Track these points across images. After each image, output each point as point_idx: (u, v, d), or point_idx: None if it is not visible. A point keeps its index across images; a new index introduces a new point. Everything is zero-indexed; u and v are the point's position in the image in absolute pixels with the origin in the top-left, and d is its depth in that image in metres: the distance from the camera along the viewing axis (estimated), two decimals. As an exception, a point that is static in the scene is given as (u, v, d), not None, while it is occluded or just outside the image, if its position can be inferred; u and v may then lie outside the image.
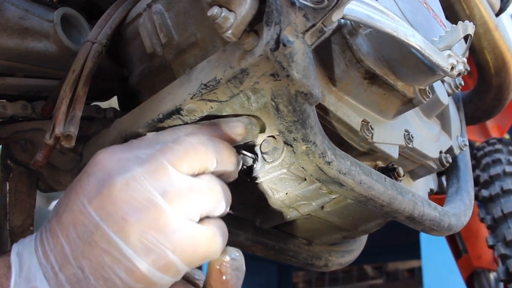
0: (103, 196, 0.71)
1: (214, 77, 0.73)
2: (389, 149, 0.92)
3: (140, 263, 0.70)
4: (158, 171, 0.72)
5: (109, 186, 0.71)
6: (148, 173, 0.72)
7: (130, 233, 0.70)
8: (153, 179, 0.72)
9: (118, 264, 0.70)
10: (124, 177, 0.72)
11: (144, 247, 0.70)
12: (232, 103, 0.81)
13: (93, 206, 0.71)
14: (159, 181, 0.72)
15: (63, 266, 0.71)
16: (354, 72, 0.84)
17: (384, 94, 0.88)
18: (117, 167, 0.73)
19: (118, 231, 0.70)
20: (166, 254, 0.71)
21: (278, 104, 0.71)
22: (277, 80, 0.69)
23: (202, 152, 0.76)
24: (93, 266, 0.70)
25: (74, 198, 0.74)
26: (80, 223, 0.72)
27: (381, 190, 0.84)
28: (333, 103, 0.83)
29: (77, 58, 0.92)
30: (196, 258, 0.73)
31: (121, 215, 0.70)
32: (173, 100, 0.79)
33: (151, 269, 0.70)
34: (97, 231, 0.71)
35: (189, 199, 0.73)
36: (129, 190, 0.71)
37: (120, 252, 0.70)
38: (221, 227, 0.76)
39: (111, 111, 1.04)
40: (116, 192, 0.71)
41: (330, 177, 0.78)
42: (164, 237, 0.70)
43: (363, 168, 0.82)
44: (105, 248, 0.70)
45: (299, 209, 0.98)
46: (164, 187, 0.72)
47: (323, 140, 0.76)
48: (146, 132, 0.84)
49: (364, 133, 0.86)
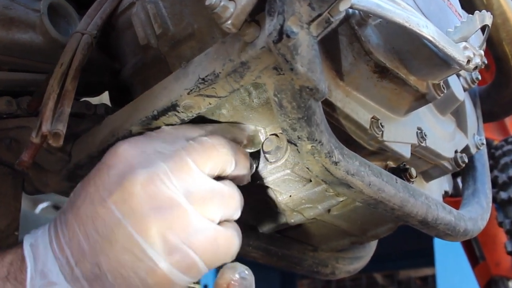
0: (124, 190, 0.73)
1: (213, 70, 0.73)
2: (401, 148, 0.92)
3: (163, 263, 0.72)
4: (182, 170, 0.75)
5: (131, 180, 0.73)
6: (172, 170, 0.74)
7: (153, 232, 0.72)
8: (177, 178, 0.74)
9: (139, 264, 0.72)
10: (147, 171, 0.74)
11: (167, 247, 0.72)
12: (231, 99, 0.81)
13: (114, 200, 0.73)
14: (183, 180, 0.74)
15: (79, 261, 0.73)
16: (363, 65, 0.84)
17: (395, 89, 0.88)
18: (139, 160, 0.75)
19: (141, 230, 0.72)
20: (189, 254, 0.73)
21: (281, 100, 0.71)
22: (280, 74, 0.69)
23: (224, 154, 0.79)
24: (112, 264, 0.72)
25: (93, 190, 0.76)
26: (99, 218, 0.74)
27: (392, 192, 0.84)
28: (340, 98, 0.83)
29: (65, 50, 0.92)
30: (216, 259, 0.76)
31: (144, 213, 0.72)
32: (168, 96, 0.79)
33: (173, 270, 0.73)
34: (118, 228, 0.73)
35: (212, 202, 0.76)
36: (152, 186, 0.73)
37: (142, 252, 0.72)
38: (238, 230, 0.80)
39: (102, 107, 1.04)
40: (138, 187, 0.73)
41: (337, 178, 0.78)
42: (187, 237, 0.73)
43: (372, 168, 0.82)
44: (126, 247, 0.72)
45: (304, 213, 0.98)
46: (187, 187, 0.74)
47: (330, 139, 0.76)
48: (140, 130, 0.84)
49: (373, 131, 0.86)
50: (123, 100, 0.96)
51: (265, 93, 0.79)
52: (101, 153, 0.89)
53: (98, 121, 0.95)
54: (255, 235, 1.11)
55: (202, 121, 0.85)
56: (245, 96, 0.80)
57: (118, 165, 0.76)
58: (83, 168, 0.95)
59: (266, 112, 0.83)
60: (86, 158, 0.93)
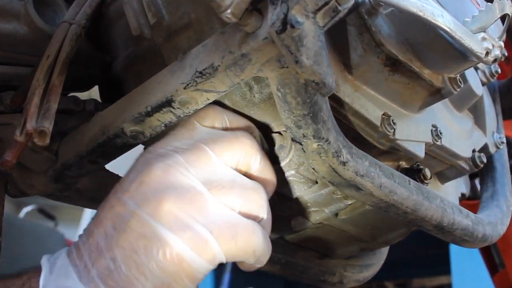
0: (140, 181, 0.76)
1: (211, 63, 0.73)
2: (414, 147, 0.92)
3: (175, 240, 0.73)
4: (201, 160, 0.77)
5: (147, 172, 0.76)
6: (190, 161, 0.76)
7: (165, 212, 0.73)
8: (195, 167, 0.76)
9: (151, 245, 0.73)
10: (164, 163, 0.76)
11: (179, 223, 0.73)
12: (231, 94, 0.81)
13: (129, 193, 0.76)
14: (202, 170, 0.76)
15: (96, 261, 0.75)
16: (373, 57, 0.84)
17: (408, 84, 0.88)
18: (156, 156, 0.78)
19: (153, 213, 0.74)
20: (203, 232, 0.73)
21: (285, 95, 0.71)
22: (284, 67, 0.69)
23: (248, 145, 0.80)
24: (126, 254, 0.74)
25: (111, 195, 0.79)
26: (116, 215, 0.76)
27: (404, 194, 0.84)
28: (349, 93, 0.83)
29: (52, 41, 0.92)
30: (234, 246, 0.75)
31: (158, 197, 0.74)
32: (163, 91, 0.79)
33: (185, 248, 0.73)
34: (133, 217, 0.74)
35: (231, 191, 0.77)
36: (169, 175, 0.75)
37: (154, 232, 0.73)
38: (264, 229, 0.79)
39: (91, 103, 1.04)
40: (155, 176, 0.75)
41: (346, 180, 0.78)
42: (202, 217, 0.74)
43: (383, 169, 0.82)
44: (140, 232, 0.74)
45: (310, 217, 0.98)
46: (206, 176, 0.76)
47: (337, 137, 0.76)
48: (133, 127, 0.84)
49: (384, 129, 0.86)
50: (114, 95, 0.96)
51: (267, 87, 0.79)
52: (91, 152, 0.90)
53: (87, 118, 0.95)
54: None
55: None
56: (246, 91, 0.80)
57: (136, 167, 0.79)
58: (71, 169, 0.95)
59: (269, 108, 0.83)
60: (74, 158, 0.93)
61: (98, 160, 0.93)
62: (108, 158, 0.93)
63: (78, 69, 1.01)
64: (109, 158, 0.93)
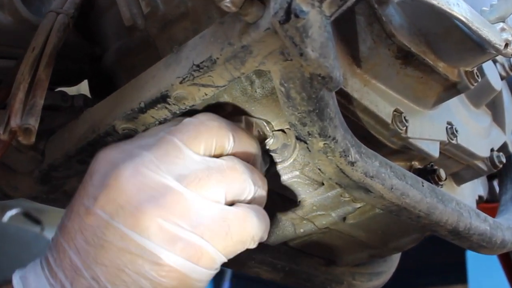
0: (109, 189, 0.74)
1: (209, 56, 0.73)
2: (428, 146, 0.92)
3: (166, 255, 0.72)
4: (170, 154, 0.76)
5: (115, 177, 0.74)
6: (158, 157, 0.75)
7: (147, 223, 0.72)
8: (166, 163, 0.75)
9: (140, 261, 0.72)
10: (132, 163, 0.75)
11: (166, 235, 0.72)
12: (231, 89, 0.81)
13: (100, 203, 0.74)
14: (173, 164, 0.75)
15: (74, 280, 0.73)
16: (384, 50, 0.84)
17: (422, 78, 0.88)
18: (122, 157, 0.76)
19: (133, 225, 0.72)
20: (195, 240, 0.73)
21: (289, 90, 0.71)
22: (288, 60, 0.69)
23: (215, 127, 0.79)
24: (110, 272, 0.72)
25: (77, 203, 0.77)
26: (87, 227, 0.74)
27: (417, 197, 0.84)
28: (357, 88, 0.83)
29: (37, 32, 0.92)
30: (230, 242, 0.75)
31: (133, 206, 0.72)
32: (157, 85, 0.79)
33: (180, 260, 0.72)
34: (108, 229, 0.73)
35: (209, 180, 0.75)
36: (139, 176, 0.74)
37: (139, 246, 0.72)
38: (256, 209, 0.79)
39: (80, 99, 1.04)
40: (124, 181, 0.74)
41: (354, 181, 0.78)
42: (187, 222, 0.73)
43: (395, 170, 0.82)
44: (121, 247, 0.72)
45: (316, 221, 0.98)
46: (179, 170, 0.75)
47: (345, 135, 0.76)
48: (125, 124, 0.84)
49: (396, 126, 0.86)
50: (105, 90, 0.96)
51: (270, 82, 0.79)
52: (80, 151, 0.90)
53: (76, 114, 0.95)
54: (258, 248, 1.11)
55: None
56: (247, 86, 0.80)
57: (100, 169, 0.77)
58: (58, 169, 0.95)
59: (271, 104, 0.83)
60: (62, 158, 0.93)
61: (88, 160, 0.92)
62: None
63: (66, 62, 1.01)
64: (99, 158, 0.93)
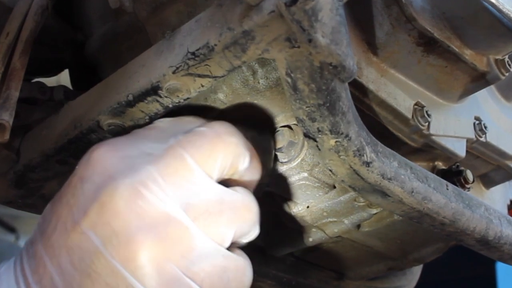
0: (102, 206, 0.72)
1: (206, 42, 0.73)
2: (453, 145, 0.92)
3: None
4: (179, 173, 0.73)
5: (110, 193, 0.72)
6: (164, 175, 0.73)
7: (142, 261, 0.70)
8: (173, 185, 0.72)
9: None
10: (131, 180, 0.72)
11: (163, 280, 0.71)
12: (231, 80, 0.81)
13: (91, 223, 0.72)
14: (182, 188, 0.73)
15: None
16: (403, 35, 0.84)
17: (446, 67, 0.88)
18: (121, 168, 0.74)
19: (127, 260, 0.70)
20: (193, 287, 0.72)
21: (296, 80, 0.71)
22: (295, 47, 0.69)
23: (233, 145, 0.77)
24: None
25: (65, 213, 0.75)
26: (75, 247, 0.72)
27: (441, 202, 0.84)
28: (373, 79, 0.83)
29: (11, 16, 0.92)
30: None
31: (129, 236, 0.71)
32: (147, 75, 0.79)
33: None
34: (97, 258, 0.71)
35: (220, 218, 0.74)
36: (139, 200, 0.71)
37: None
38: (247, 257, 0.79)
39: (60, 91, 1.04)
40: (121, 201, 0.71)
41: (370, 184, 0.79)
42: (189, 265, 0.72)
43: (416, 171, 0.82)
44: (109, 283, 0.71)
45: (326, 229, 0.98)
46: (187, 197, 0.73)
47: (360, 132, 0.76)
48: (111, 120, 0.84)
49: (417, 122, 0.86)
50: (88, 81, 0.96)
51: (274, 72, 0.79)
52: (60, 150, 0.90)
53: (55, 108, 0.95)
54: (262, 260, 1.11)
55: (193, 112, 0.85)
56: (249, 76, 0.80)
57: (93, 177, 0.75)
58: (35, 170, 0.95)
59: (276, 97, 0.83)
60: (40, 157, 0.93)
61: (69, 160, 0.93)
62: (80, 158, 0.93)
63: (45, 49, 1.01)
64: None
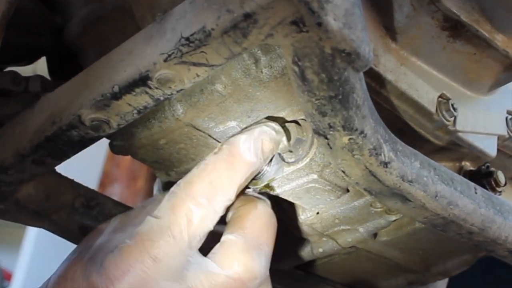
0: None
1: (202, 26, 0.73)
2: (482, 142, 0.92)
3: None
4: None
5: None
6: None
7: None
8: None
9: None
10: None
11: None
12: (230, 69, 0.81)
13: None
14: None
15: None
16: (426, 18, 0.84)
17: (474, 54, 0.88)
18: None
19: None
20: None
21: (304, 70, 0.71)
22: (303, 32, 0.69)
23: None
24: None
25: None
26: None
27: (469, 207, 0.84)
28: (392, 68, 0.83)
29: (-19, -4, 0.93)
30: None
31: None
32: (135, 64, 0.79)
33: None
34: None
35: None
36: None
37: None
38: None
39: (36, 81, 1.04)
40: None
41: (388, 187, 0.79)
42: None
43: (440, 172, 0.83)
44: None
45: (338, 239, 0.98)
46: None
47: (377, 128, 0.76)
48: (95, 115, 0.84)
49: (442, 117, 0.86)
50: (68, 70, 0.96)
51: (279, 60, 0.79)
52: (36, 149, 0.90)
53: (31, 101, 0.95)
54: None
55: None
56: (251, 65, 0.80)
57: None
58: (8, 172, 0.95)
59: (282, 88, 0.83)
60: (13, 157, 0.93)
61: (46, 160, 0.93)
62: (59, 157, 0.93)
63: (19, 34, 1.01)
64: (61, 157, 0.93)
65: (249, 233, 0.87)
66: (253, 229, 0.87)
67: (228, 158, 0.85)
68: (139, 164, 3.27)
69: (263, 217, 0.88)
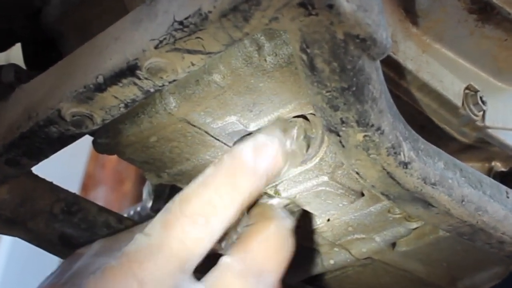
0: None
1: (198, 8, 0.73)
2: (515, 140, 0.93)
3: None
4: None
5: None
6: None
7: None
8: None
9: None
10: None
11: None
12: (230, 57, 0.81)
13: None
14: None
15: None
16: (451, 0, 0.84)
17: (506, 40, 0.88)
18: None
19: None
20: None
21: (313, 58, 0.71)
22: (312, 15, 0.69)
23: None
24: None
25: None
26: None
27: (500, 213, 0.84)
28: (413, 56, 0.83)
29: None
30: None
31: None
32: (122, 51, 0.79)
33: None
34: None
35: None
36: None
37: None
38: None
39: (10, 71, 1.04)
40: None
41: (408, 191, 0.79)
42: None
43: (467, 174, 0.83)
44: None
45: (352, 249, 0.98)
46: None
47: (395, 124, 0.76)
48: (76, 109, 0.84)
49: (469, 111, 0.86)
50: (47, 58, 0.96)
51: (285, 47, 0.79)
52: (9, 148, 0.90)
53: (3, 93, 0.95)
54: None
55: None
56: (253, 52, 0.80)
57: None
58: (-21, 173, 0.95)
59: (288, 79, 0.83)
60: (-16, 157, 0.93)
61: (22, 160, 0.93)
62: (36, 157, 0.93)
63: (-9, 18, 1.02)
64: (38, 156, 0.93)
65: (251, 258, 0.87)
66: (257, 254, 0.87)
67: (229, 172, 0.84)
68: (126, 165, 3.27)
69: (273, 241, 0.88)
